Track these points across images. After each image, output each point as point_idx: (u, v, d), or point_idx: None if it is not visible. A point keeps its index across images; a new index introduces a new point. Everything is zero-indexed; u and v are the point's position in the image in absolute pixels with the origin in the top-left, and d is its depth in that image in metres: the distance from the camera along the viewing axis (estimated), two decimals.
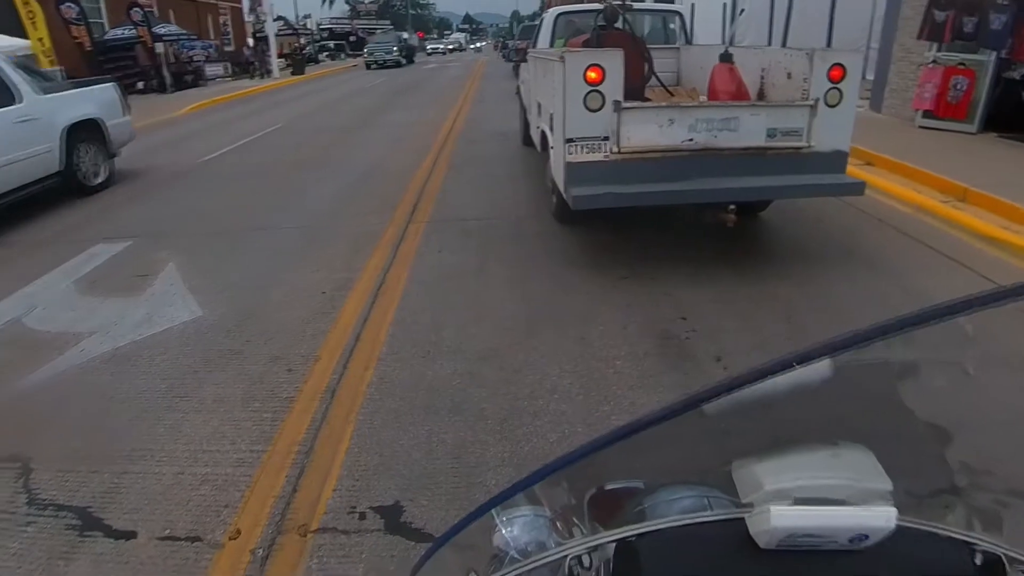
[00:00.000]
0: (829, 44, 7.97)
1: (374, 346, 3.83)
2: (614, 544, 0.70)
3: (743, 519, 0.65)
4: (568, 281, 4.52)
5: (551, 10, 8.15)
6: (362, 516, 2.51)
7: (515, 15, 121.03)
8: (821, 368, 0.60)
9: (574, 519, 0.76)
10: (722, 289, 4.25)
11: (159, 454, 3.02)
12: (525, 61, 7.93)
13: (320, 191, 7.70)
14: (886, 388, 0.72)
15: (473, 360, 3.58)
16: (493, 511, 0.78)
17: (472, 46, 60.51)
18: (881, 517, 0.59)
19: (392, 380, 3.46)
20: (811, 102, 4.29)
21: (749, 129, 4.30)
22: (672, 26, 7.98)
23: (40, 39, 15.83)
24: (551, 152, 5.09)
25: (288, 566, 2.32)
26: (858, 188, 4.55)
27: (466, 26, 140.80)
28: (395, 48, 34.39)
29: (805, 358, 0.58)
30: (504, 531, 0.77)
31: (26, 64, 9.13)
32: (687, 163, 4.32)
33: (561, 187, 4.69)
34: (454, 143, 10.03)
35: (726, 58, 5.29)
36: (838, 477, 0.64)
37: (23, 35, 15.57)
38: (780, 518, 0.60)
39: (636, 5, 7.05)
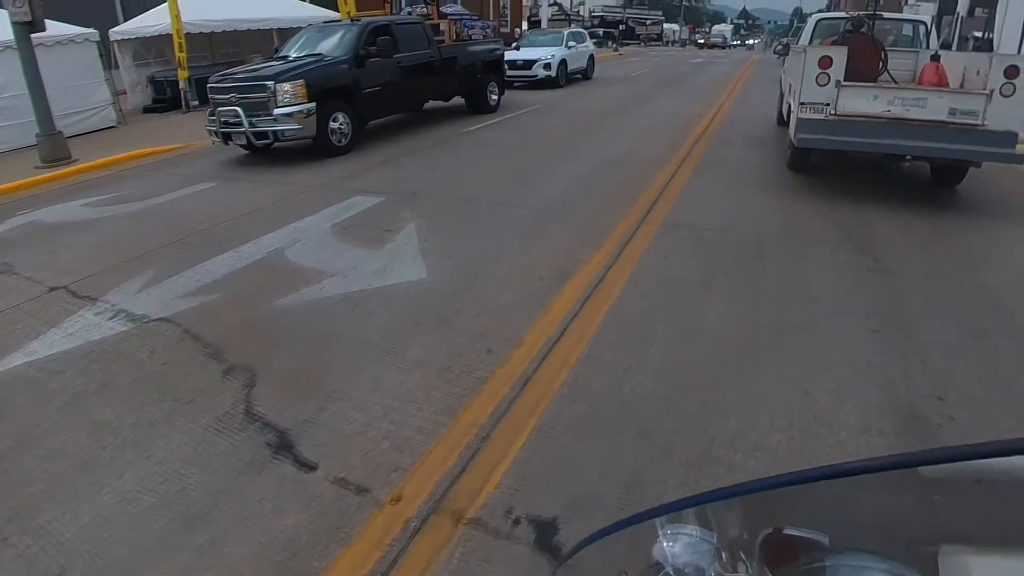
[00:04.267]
0: None
1: (577, 344, 3.68)
2: None
3: None
4: (805, 319, 3.93)
5: (814, 15, 10.62)
6: (516, 522, 2.39)
7: (797, 12, 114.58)
8: None
9: (742, 554, 0.70)
10: (1002, 374, 3.32)
11: (356, 400, 3.21)
12: (787, 54, 10.47)
13: (563, 174, 7.74)
14: None
15: (675, 385, 3.26)
16: (658, 521, 0.75)
17: (736, 42, 56.42)
18: None
19: (585, 385, 3.29)
20: (987, 92, 5.52)
21: (934, 107, 5.71)
22: (917, 33, 9.74)
23: (349, 12, 18.04)
24: (791, 117, 6.75)
25: (434, 547, 2.28)
26: (1020, 159, 5.64)
27: (740, 21, 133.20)
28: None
29: None
30: (666, 545, 0.73)
31: None
32: (884, 127, 5.85)
33: (792, 136, 6.54)
34: (707, 142, 9.46)
35: (935, 58, 7.12)
36: None
37: (335, 8, 17.93)
38: None
39: (887, 15, 9.55)
